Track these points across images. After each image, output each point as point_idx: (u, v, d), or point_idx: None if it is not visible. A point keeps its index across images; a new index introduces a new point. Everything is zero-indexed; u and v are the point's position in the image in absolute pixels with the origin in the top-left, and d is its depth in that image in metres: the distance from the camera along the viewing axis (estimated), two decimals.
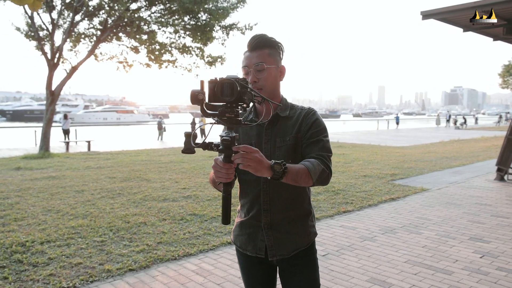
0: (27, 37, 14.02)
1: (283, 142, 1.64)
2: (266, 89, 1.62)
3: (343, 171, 9.36)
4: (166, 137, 22.32)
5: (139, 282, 3.40)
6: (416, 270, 3.68)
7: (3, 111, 59.52)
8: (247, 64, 1.63)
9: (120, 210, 5.63)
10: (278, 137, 1.66)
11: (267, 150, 1.65)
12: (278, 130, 1.66)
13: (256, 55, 1.61)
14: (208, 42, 14.66)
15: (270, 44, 1.64)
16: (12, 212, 5.44)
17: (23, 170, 9.31)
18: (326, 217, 5.47)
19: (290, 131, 1.65)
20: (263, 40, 1.62)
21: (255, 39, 1.62)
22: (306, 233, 1.71)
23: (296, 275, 1.70)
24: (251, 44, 1.63)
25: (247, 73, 1.63)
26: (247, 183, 1.70)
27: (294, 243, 1.68)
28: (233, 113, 1.31)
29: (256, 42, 1.62)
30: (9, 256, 3.86)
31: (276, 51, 1.66)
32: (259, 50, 1.62)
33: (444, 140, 20.38)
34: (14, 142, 18.49)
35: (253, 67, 1.60)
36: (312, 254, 1.75)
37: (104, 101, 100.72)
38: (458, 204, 6.25)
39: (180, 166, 10.22)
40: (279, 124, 1.67)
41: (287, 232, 1.68)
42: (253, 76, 1.60)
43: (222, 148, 1.31)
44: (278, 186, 1.60)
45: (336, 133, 25.95)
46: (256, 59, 1.60)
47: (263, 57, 1.60)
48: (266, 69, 1.60)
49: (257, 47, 1.62)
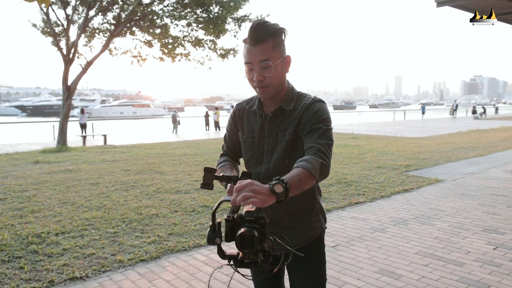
0: (43, 33, 14.26)
1: (284, 137, 1.57)
2: (273, 86, 1.53)
3: (357, 163, 9.28)
4: (181, 130, 22.49)
5: (150, 273, 3.46)
6: (427, 261, 3.64)
7: (23, 107, 60.98)
8: (250, 60, 1.49)
9: (133, 202, 5.73)
10: (280, 131, 1.59)
11: (269, 145, 1.60)
12: (281, 124, 1.59)
13: (260, 51, 1.46)
14: (221, 34, 14.65)
15: (273, 34, 1.48)
16: (30, 204, 5.60)
17: (41, 164, 9.54)
18: (337, 208, 5.45)
19: (291, 125, 1.57)
20: (266, 31, 1.46)
21: (258, 31, 1.46)
22: (309, 228, 1.66)
23: (301, 269, 1.66)
24: (253, 37, 1.47)
25: (251, 70, 1.51)
26: (252, 169, 1.67)
27: (297, 238, 1.64)
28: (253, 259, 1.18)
29: (258, 35, 1.46)
30: (25, 246, 3.98)
31: (280, 40, 1.51)
32: (262, 44, 1.46)
33: (462, 130, 19.97)
34: (33, 137, 18.93)
35: (258, 65, 1.48)
36: (318, 249, 1.69)
37: (121, 95, 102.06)
38: (473, 195, 6.14)
39: (193, 158, 10.31)
40: (283, 117, 1.59)
41: (289, 227, 1.63)
42: (258, 75, 1.49)
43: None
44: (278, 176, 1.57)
45: (351, 124, 25.70)
46: (260, 55, 1.47)
47: (268, 52, 1.47)
48: (273, 66, 1.48)
49: (260, 40, 1.46)
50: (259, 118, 1.64)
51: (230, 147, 1.78)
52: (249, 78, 1.54)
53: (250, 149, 1.66)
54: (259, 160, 1.63)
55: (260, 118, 1.64)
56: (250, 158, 1.67)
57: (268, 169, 1.60)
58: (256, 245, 1.12)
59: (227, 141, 1.79)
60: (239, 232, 1.12)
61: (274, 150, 1.59)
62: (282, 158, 1.57)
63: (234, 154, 1.78)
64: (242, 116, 1.71)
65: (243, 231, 1.12)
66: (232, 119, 1.75)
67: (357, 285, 3.19)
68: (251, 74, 1.52)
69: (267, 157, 1.61)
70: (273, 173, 1.58)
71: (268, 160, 1.61)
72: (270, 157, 1.61)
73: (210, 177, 1.41)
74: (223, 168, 1.64)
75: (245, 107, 1.71)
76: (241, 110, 1.73)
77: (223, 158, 1.75)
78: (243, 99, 1.80)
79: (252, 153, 1.66)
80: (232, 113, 1.76)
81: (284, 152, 1.56)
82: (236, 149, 1.77)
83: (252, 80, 1.52)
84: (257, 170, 1.63)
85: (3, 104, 73.57)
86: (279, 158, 1.58)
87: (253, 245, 1.12)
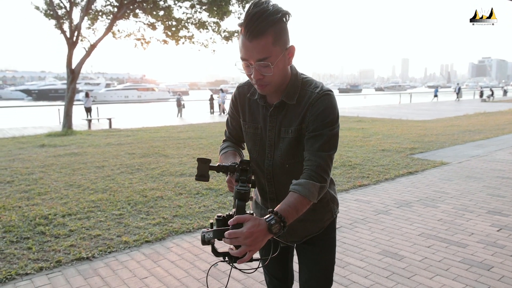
0: (46, 15, 14.17)
1: (287, 134, 1.44)
2: (274, 84, 1.36)
3: (361, 146, 9.25)
4: (185, 114, 22.49)
5: (155, 253, 3.51)
6: (430, 243, 3.65)
7: (29, 91, 61.18)
8: (247, 57, 1.29)
9: (138, 184, 5.77)
10: (283, 126, 1.45)
11: (271, 139, 1.48)
12: (283, 118, 1.45)
13: (257, 48, 1.25)
14: (225, 16, 14.48)
15: (274, 24, 1.24)
16: (36, 187, 5.66)
17: (47, 147, 9.61)
18: (341, 191, 5.45)
19: (294, 121, 1.42)
20: (266, 23, 1.22)
21: (255, 23, 1.21)
22: (318, 219, 1.59)
23: (310, 253, 1.63)
24: (248, 31, 1.23)
25: (248, 67, 1.32)
26: (254, 160, 1.57)
27: (305, 230, 1.59)
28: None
29: (256, 29, 1.22)
30: (33, 228, 4.04)
31: (282, 30, 1.28)
32: (261, 39, 1.23)
33: (469, 113, 19.77)
34: (39, 121, 19.03)
35: (256, 64, 1.28)
36: (328, 235, 1.63)
37: (125, 79, 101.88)
38: (478, 177, 6.11)
39: (198, 142, 10.33)
40: (285, 111, 1.44)
41: (298, 219, 1.49)
42: (256, 74, 1.31)
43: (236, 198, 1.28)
44: (282, 175, 1.50)
45: (357, 107, 25.54)
46: (258, 53, 1.25)
47: (267, 49, 1.25)
48: (272, 66, 1.29)
49: (258, 34, 1.22)
50: (261, 109, 1.50)
51: (232, 132, 1.67)
52: (247, 74, 1.36)
53: (252, 139, 1.55)
54: (260, 153, 1.53)
55: (262, 109, 1.50)
56: (251, 149, 1.57)
57: (271, 165, 1.51)
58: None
59: (229, 126, 1.68)
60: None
61: (277, 146, 1.48)
62: (286, 157, 1.47)
63: (237, 140, 1.68)
64: (243, 103, 1.56)
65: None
66: (233, 104, 1.60)
67: (360, 266, 3.21)
68: (249, 71, 1.33)
69: (270, 152, 1.51)
70: (277, 170, 1.51)
71: (271, 155, 1.50)
72: (273, 152, 1.50)
73: (205, 168, 1.34)
74: (225, 154, 1.55)
75: (247, 94, 1.54)
76: (242, 96, 1.56)
77: (226, 143, 1.66)
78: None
79: (253, 144, 1.55)
80: (233, 97, 1.60)
81: (288, 150, 1.45)
82: (239, 135, 1.65)
83: (250, 76, 1.35)
84: (258, 162, 1.54)
85: (9, 88, 73.84)
86: (282, 156, 1.47)
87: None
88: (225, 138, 1.72)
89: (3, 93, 67.58)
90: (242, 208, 1.23)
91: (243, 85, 1.57)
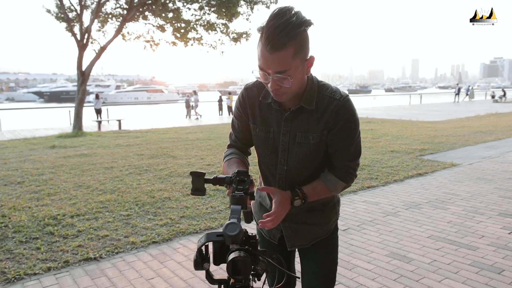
0: (57, 18, 14.36)
1: (305, 139, 1.42)
2: (291, 93, 1.33)
3: (370, 147, 9.18)
4: (194, 115, 22.56)
5: (161, 254, 3.52)
6: (439, 245, 3.60)
7: (41, 93, 62.00)
8: (266, 68, 1.25)
9: (146, 185, 5.80)
10: (299, 131, 1.43)
11: (285, 143, 1.45)
12: (300, 123, 1.42)
13: (278, 61, 1.21)
14: (233, 17, 14.51)
15: (295, 37, 1.19)
16: (46, 187, 5.72)
17: (58, 148, 9.72)
18: (349, 192, 5.41)
19: (314, 127, 1.41)
20: (288, 37, 1.18)
21: (277, 36, 1.18)
22: (325, 222, 1.59)
23: (314, 255, 1.62)
24: (270, 43, 1.19)
25: (266, 77, 1.29)
26: (265, 164, 1.54)
27: (313, 234, 1.58)
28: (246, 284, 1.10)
29: (278, 41, 1.18)
30: (42, 228, 4.08)
31: (304, 41, 1.24)
32: (281, 52, 1.20)
33: (480, 114, 19.50)
34: (50, 122, 19.28)
35: (274, 75, 1.25)
36: (332, 235, 1.64)
37: (135, 81, 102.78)
38: (489, 179, 6.02)
39: (206, 143, 10.36)
40: (302, 116, 1.42)
41: (305, 223, 1.56)
42: (274, 84, 1.28)
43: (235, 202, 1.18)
44: (296, 180, 1.49)
45: (366, 108, 25.36)
46: (277, 66, 1.22)
47: (287, 62, 1.22)
48: (291, 79, 1.26)
49: (280, 47, 1.19)
50: (275, 112, 1.45)
51: (239, 136, 1.59)
52: (264, 82, 1.34)
53: (263, 144, 1.50)
54: (272, 158, 1.50)
55: (276, 112, 1.45)
56: (262, 153, 1.53)
57: (284, 170, 1.49)
58: (250, 271, 1.02)
59: (236, 129, 1.59)
60: (230, 258, 1.01)
61: (291, 151, 1.45)
62: (303, 162, 1.46)
63: (243, 144, 1.61)
64: (253, 105, 1.50)
65: (235, 256, 1.00)
66: (240, 106, 1.53)
67: (367, 268, 3.18)
68: (266, 79, 1.30)
69: (283, 157, 1.47)
70: (291, 175, 1.49)
71: (284, 160, 1.48)
72: (286, 157, 1.47)
73: (200, 182, 1.27)
74: (229, 162, 1.50)
75: (257, 97, 1.48)
76: (252, 98, 1.50)
77: (230, 150, 1.59)
78: None
79: (265, 148, 1.50)
80: (241, 98, 1.53)
81: (306, 156, 1.44)
82: (246, 139, 1.58)
83: (267, 84, 1.32)
84: (270, 167, 1.52)
85: (22, 90, 74.97)
86: (299, 161, 1.46)
87: (246, 271, 1.01)
88: (230, 143, 1.64)
89: (16, 95, 68.63)
90: (237, 211, 1.12)
91: (252, 86, 1.51)
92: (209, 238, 1.06)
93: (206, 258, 1.09)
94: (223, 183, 1.27)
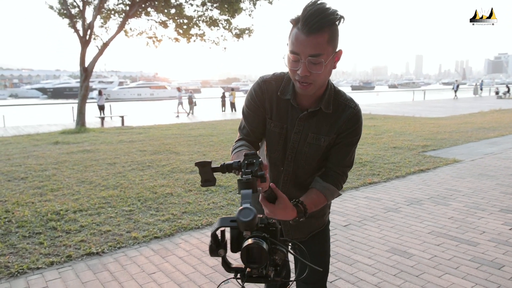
0: (60, 15, 14.37)
1: (316, 140, 1.45)
2: (317, 84, 1.33)
3: (372, 143, 9.17)
4: (197, 112, 22.59)
5: (163, 249, 3.54)
6: (440, 241, 3.60)
7: (44, 89, 62.27)
8: (299, 51, 1.25)
9: (148, 181, 5.83)
10: (311, 132, 1.45)
11: (295, 142, 1.47)
12: (314, 124, 1.45)
13: (313, 43, 1.23)
14: (236, 13, 14.49)
15: (331, 23, 1.23)
16: (49, 183, 5.76)
17: (61, 144, 9.76)
18: (351, 188, 5.42)
19: (327, 131, 1.44)
20: (325, 21, 1.21)
21: (315, 19, 1.21)
22: (321, 215, 1.64)
23: (308, 248, 1.63)
24: (308, 25, 1.21)
25: (297, 61, 1.28)
26: (272, 159, 1.55)
27: (311, 227, 1.62)
28: (263, 274, 1.03)
29: (316, 24, 1.20)
30: (45, 223, 4.12)
31: (336, 31, 1.27)
32: (318, 36, 1.22)
33: (484, 110, 19.41)
34: (53, 118, 19.36)
35: (306, 59, 1.25)
36: (326, 229, 1.70)
37: (138, 77, 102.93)
38: (491, 175, 6.01)
39: (208, 139, 10.37)
40: (317, 118, 1.44)
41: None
42: (304, 70, 1.27)
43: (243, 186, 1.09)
44: (301, 177, 1.53)
45: (369, 104, 25.28)
46: (312, 49, 1.23)
47: (322, 46, 1.24)
48: (323, 64, 1.27)
49: (316, 30, 1.21)
50: (291, 109, 1.46)
51: (254, 129, 1.52)
52: (291, 69, 1.32)
53: (275, 139, 1.51)
54: (281, 154, 1.52)
55: (292, 110, 1.46)
56: (272, 148, 1.53)
57: (291, 166, 1.52)
58: (265, 259, 0.96)
59: (250, 122, 1.52)
60: (245, 244, 0.96)
61: (301, 151, 1.48)
62: (311, 162, 1.50)
63: (256, 138, 1.55)
64: (271, 99, 1.48)
65: (250, 242, 0.95)
66: (258, 98, 1.49)
67: (367, 263, 3.19)
68: (296, 66, 1.29)
69: (291, 154, 1.50)
70: (298, 172, 1.52)
71: (292, 158, 1.50)
72: (294, 154, 1.50)
73: (208, 172, 1.19)
74: (238, 153, 1.43)
75: (276, 91, 1.47)
76: (270, 92, 1.47)
77: (240, 143, 1.50)
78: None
79: (276, 144, 1.51)
80: (259, 91, 1.49)
81: (315, 157, 1.48)
82: (260, 132, 1.54)
83: (295, 72, 1.31)
84: (277, 162, 1.54)
85: (25, 87, 75.32)
86: (308, 161, 1.49)
87: (261, 260, 0.95)
88: (240, 137, 1.55)
89: (19, 91, 68.97)
90: (248, 195, 1.03)
91: (270, 80, 1.49)
92: (222, 223, 0.99)
93: (222, 244, 1.03)
94: (232, 170, 1.19)
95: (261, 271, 1.00)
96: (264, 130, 1.53)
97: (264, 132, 1.54)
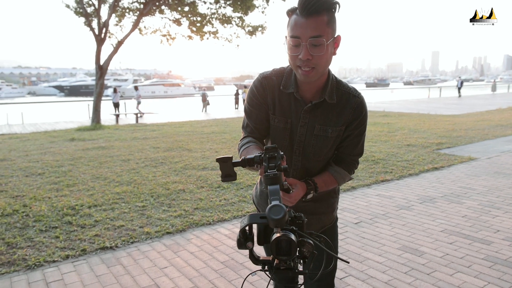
0: (76, 13, 14.60)
1: (323, 132, 1.45)
2: (319, 69, 1.32)
3: (386, 140, 9.09)
4: (210, 109, 22.70)
5: (175, 244, 3.60)
6: (452, 239, 3.57)
7: (61, 87, 63.32)
8: (299, 34, 1.27)
9: (161, 178, 5.90)
10: (318, 123, 1.45)
11: (302, 135, 1.47)
12: (319, 116, 1.45)
13: (312, 25, 1.25)
14: (249, 11, 14.48)
15: (329, 6, 1.27)
16: (65, 179, 5.89)
17: (77, 141, 9.95)
18: (362, 186, 5.39)
19: (334, 122, 1.45)
20: (323, 3, 1.25)
21: (312, 2, 1.24)
22: (330, 211, 1.64)
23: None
24: (306, 7, 1.25)
25: (298, 45, 1.29)
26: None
27: (321, 223, 1.62)
28: (291, 266, 1.04)
29: (314, 6, 1.24)
30: (60, 218, 4.22)
31: (334, 16, 1.30)
32: (316, 17, 1.25)
33: (502, 107, 19.02)
34: (70, 115, 19.70)
35: (308, 41, 1.26)
36: (335, 225, 1.71)
37: (152, 75, 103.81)
38: (508, 173, 5.90)
39: (221, 136, 10.43)
40: (322, 109, 1.44)
41: (313, 213, 1.58)
42: (306, 53, 1.28)
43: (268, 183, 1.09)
44: (311, 171, 1.52)
45: (383, 102, 25.02)
46: (312, 30, 1.25)
47: (321, 28, 1.26)
48: (324, 45, 1.27)
49: (314, 11, 1.24)
50: (295, 102, 1.45)
51: (258, 126, 1.51)
52: (292, 55, 1.32)
53: (280, 134, 1.50)
54: (288, 149, 1.50)
55: (296, 103, 1.45)
56: (278, 144, 1.50)
57: (300, 161, 1.51)
58: (295, 251, 0.97)
59: (253, 119, 1.52)
60: (274, 237, 0.96)
61: (308, 143, 1.47)
62: (318, 155, 1.50)
63: (261, 135, 1.54)
64: (273, 94, 1.47)
65: (279, 235, 0.96)
66: (259, 94, 1.49)
67: (378, 261, 3.18)
68: (297, 51, 1.30)
69: (298, 148, 1.49)
70: (307, 165, 1.52)
71: (299, 152, 1.50)
72: (302, 148, 1.49)
73: (229, 167, 1.22)
74: (248, 149, 1.41)
75: (277, 86, 1.47)
76: (271, 87, 1.47)
77: (247, 139, 1.49)
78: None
79: (281, 139, 1.50)
80: (260, 87, 1.49)
81: (323, 148, 1.48)
82: (264, 129, 1.53)
83: (296, 57, 1.31)
84: (288, 152, 1.52)
85: (43, 85, 76.76)
86: (316, 153, 1.49)
87: (291, 252, 0.96)
88: (245, 135, 1.54)
89: (37, 89, 70.31)
90: (276, 191, 1.04)
91: (270, 76, 1.49)
92: (252, 219, 1.01)
93: (250, 237, 1.05)
94: (253, 163, 1.19)
95: (289, 263, 1.02)
96: (268, 127, 1.52)
97: (268, 128, 1.53)
